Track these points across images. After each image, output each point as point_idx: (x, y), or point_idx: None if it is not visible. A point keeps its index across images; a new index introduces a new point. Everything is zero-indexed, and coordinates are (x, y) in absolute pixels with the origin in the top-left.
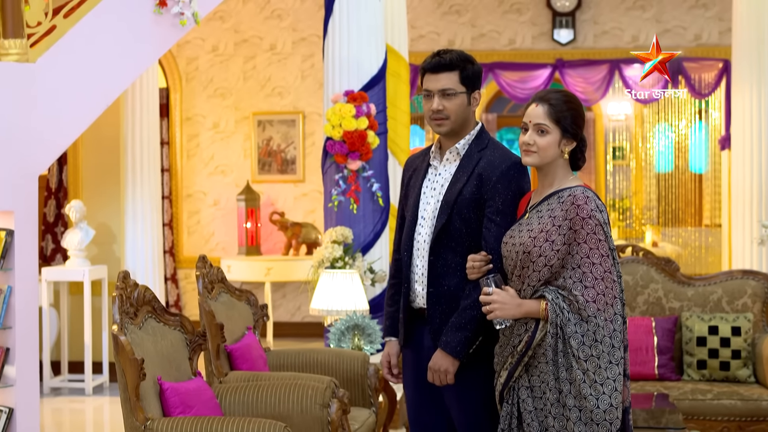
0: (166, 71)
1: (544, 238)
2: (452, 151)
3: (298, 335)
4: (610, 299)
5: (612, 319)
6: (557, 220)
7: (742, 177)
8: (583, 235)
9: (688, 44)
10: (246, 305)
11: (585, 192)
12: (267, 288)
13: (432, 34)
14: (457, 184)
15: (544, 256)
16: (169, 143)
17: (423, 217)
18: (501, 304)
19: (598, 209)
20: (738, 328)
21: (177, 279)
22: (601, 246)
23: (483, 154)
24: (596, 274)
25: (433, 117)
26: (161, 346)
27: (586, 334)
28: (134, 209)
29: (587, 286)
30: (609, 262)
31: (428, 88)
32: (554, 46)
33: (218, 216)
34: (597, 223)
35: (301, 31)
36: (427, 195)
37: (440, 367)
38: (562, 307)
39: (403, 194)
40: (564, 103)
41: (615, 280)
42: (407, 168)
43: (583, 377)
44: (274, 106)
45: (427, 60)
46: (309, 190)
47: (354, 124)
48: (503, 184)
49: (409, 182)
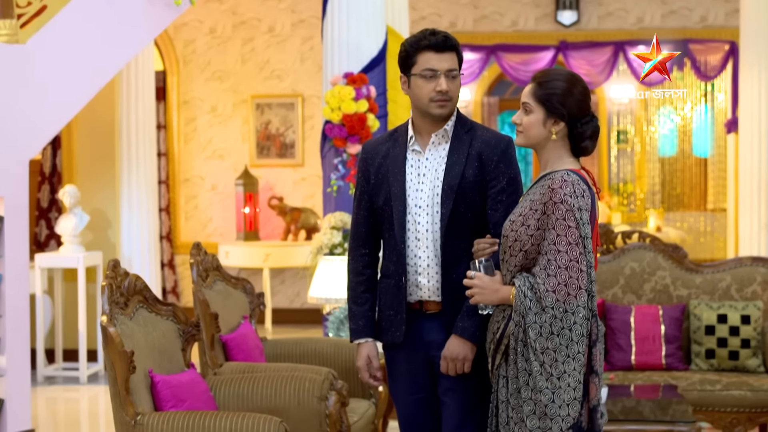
0: (163, 54)
1: (521, 222)
2: (439, 134)
3: (297, 322)
4: (573, 290)
5: (573, 311)
6: (535, 203)
7: (750, 161)
8: (553, 221)
9: (693, 26)
10: (242, 293)
11: (566, 175)
12: (265, 274)
13: (433, 15)
14: (456, 167)
15: (520, 241)
16: (166, 127)
17: (418, 206)
18: (480, 288)
19: (574, 194)
20: (747, 317)
21: (174, 265)
22: (570, 233)
23: (473, 135)
24: (560, 262)
25: (436, 98)
26: (153, 337)
27: (544, 326)
28: (130, 194)
29: (550, 275)
30: (577, 250)
31: (433, 68)
32: (558, 28)
33: (216, 201)
34: (568, 209)
35: (300, 12)
36: (416, 182)
37: (458, 354)
38: (525, 295)
39: (372, 184)
40: (552, 81)
41: (583, 270)
42: (371, 156)
43: (540, 369)
44: (273, 89)
45: (428, 38)
46: (308, 174)
47: (353, 107)
48: (505, 163)
49: (379, 171)
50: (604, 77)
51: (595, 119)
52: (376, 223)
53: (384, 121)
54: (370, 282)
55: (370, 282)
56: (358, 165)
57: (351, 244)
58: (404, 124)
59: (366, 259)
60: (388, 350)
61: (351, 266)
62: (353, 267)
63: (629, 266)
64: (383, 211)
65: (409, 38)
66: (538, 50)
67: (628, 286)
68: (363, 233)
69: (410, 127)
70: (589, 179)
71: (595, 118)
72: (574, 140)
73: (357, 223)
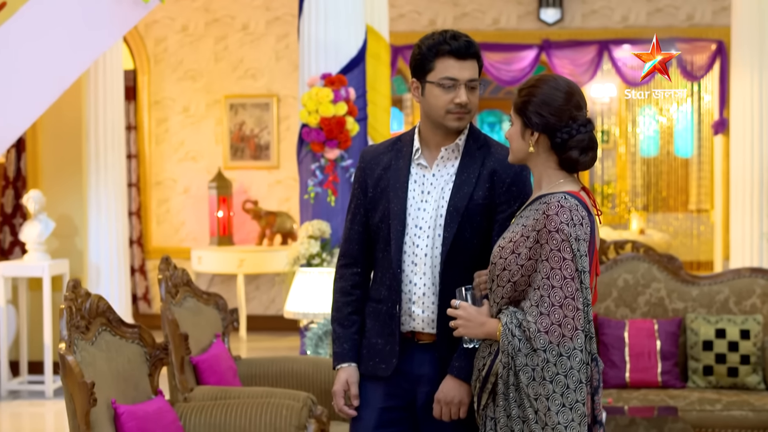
0: (134, 52)
1: (511, 249)
2: (450, 148)
3: (272, 329)
4: (569, 331)
5: (569, 355)
6: (527, 229)
7: (742, 165)
8: (547, 251)
9: (680, 24)
10: (214, 310)
11: (563, 200)
12: (240, 280)
13: (412, 13)
14: (464, 188)
15: (508, 270)
16: (136, 128)
17: (419, 227)
18: (465, 320)
19: (571, 222)
20: (747, 331)
21: (145, 270)
22: (565, 266)
23: (487, 152)
24: (554, 299)
25: (454, 111)
26: (117, 362)
27: (536, 369)
28: (98, 199)
29: (542, 313)
30: (573, 286)
31: (453, 77)
32: (540, 26)
33: (188, 204)
34: (564, 239)
35: (275, 9)
36: (419, 200)
37: (453, 397)
38: (514, 334)
39: (369, 198)
40: (529, 87)
41: (579, 309)
42: (370, 166)
43: (535, 417)
44: (247, 89)
45: (449, 42)
46: (284, 177)
47: (332, 110)
48: (518, 186)
49: (378, 183)
50: (588, 77)
51: (583, 128)
52: (370, 241)
53: (363, 124)
54: (358, 303)
55: (359, 303)
56: (355, 175)
57: (340, 261)
58: (409, 134)
59: (356, 279)
60: (365, 381)
61: (338, 285)
62: (341, 286)
63: (622, 278)
64: (379, 228)
65: (425, 39)
66: (521, 49)
67: (622, 299)
68: (355, 251)
69: (416, 137)
70: (590, 202)
71: (583, 127)
72: (558, 152)
73: (349, 239)
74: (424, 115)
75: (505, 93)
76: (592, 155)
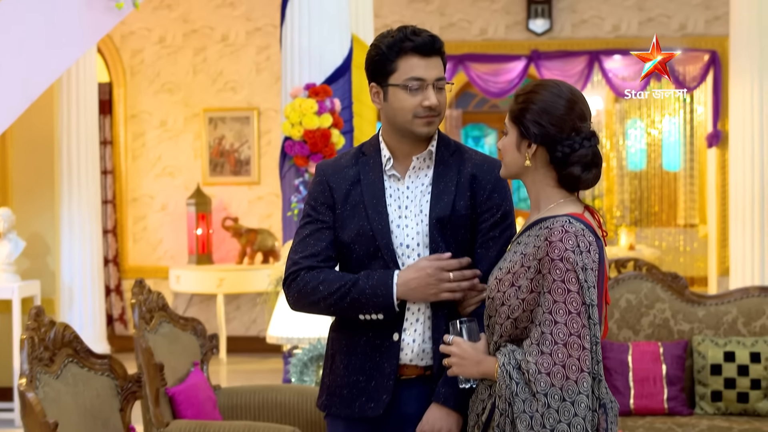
0: (109, 64)
1: (510, 281)
2: (422, 157)
3: (253, 350)
4: (573, 373)
5: (573, 400)
6: (527, 258)
7: (742, 178)
8: (550, 282)
9: (672, 34)
10: (192, 336)
11: (567, 224)
12: (219, 300)
13: (397, 23)
14: (444, 197)
15: (508, 306)
16: (112, 143)
17: (406, 245)
18: (459, 358)
19: (577, 249)
20: (757, 354)
21: (122, 290)
22: (570, 299)
23: (461, 158)
24: (558, 336)
25: (422, 114)
26: (84, 398)
27: (535, 416)
28: (71, 216)
29: (544, 352)
30: (579, 321)
31: (420, 77)
32: (529, 37)
33: (166, 222)
34: (569, 268)
35: (255, 20)
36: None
37: (441, 429)
38: (511, 377)
39: (338, 215)
40: (529, 93)
41: (586, 348)
42: (335, 178)
43: None
44: (227, 102)
45: (411, 38)
46: (265, 193)
47: (316, 122)
48: (500, 193)
49: (348, 200)
50: (579, 88)
51: (587, 142)
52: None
53: (349, 137)
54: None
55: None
56: (316, 189)
57: (304, 263)
58: (371, 143)
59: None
60: (339, 422)
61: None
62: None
63: (625, 298)
64: (350, 250)
65: (382, 38)
66: (509, 60)
67: (624, 321)
68: (331, 257)
69: (383, 146)
70: (595, 223)
71: (587, 141)
72: (558, 168)
73: (316, 246)
74: (388, 122)
75: (490, 106)
76: (595, 172)
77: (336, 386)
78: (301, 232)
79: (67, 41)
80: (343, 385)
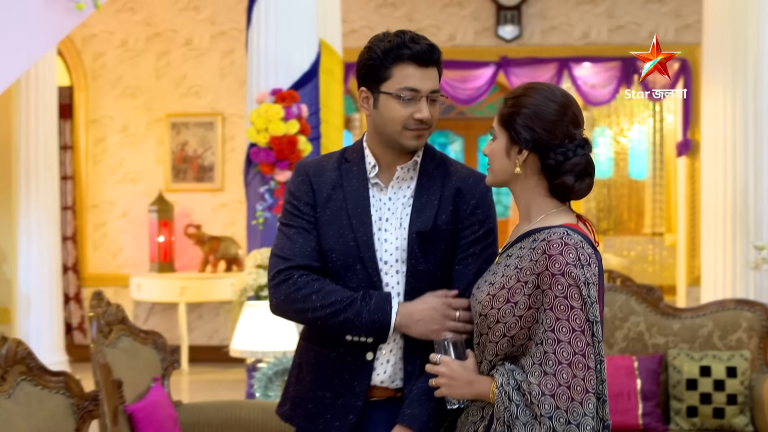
0: (70, 67)
1: (505, 297)
2: (407, 167)
3: (215, 360)
4: (579, 394)
5: (579, 423)
6: (524, 273)
7: (714, 188)
8: (551, 299)
9: (642, 42)
10: (152, 350)
11: (566, 236)
12: (181, 309)
13: (365, 28)
14: (426, 210)
15: (503, 323)
16: (72, 148)
17: (385, 261)
18: (449, 378)
19: (579, 262)
20: (733, 369)
21: (81, 299)
22: (573, 316)
23: (446, 171)
24: (562, 356)
25: (413, 127)
26: (38, 418)
27: None
28: (29, 223)
29: (547, 373)
30: (583, 340)
31: (415, 87)
32: (498, 43)
33: (127, 229)
34: (572, 283)
35: (220, 24)
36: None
37: None
38: (511, 399)
39: (317, 217)
40: (520, 96)
41: (590, 367)
42: (316, 179)
43: None
44: (190, 107)
45: (409, 45)
46: (228, 200)
47: (282, 128)
48: (484, 208)
49: (328, 205)
50: None
51: (581, 149)
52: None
53: (316, 144)
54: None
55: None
56: (298, 188)
57: (288, 263)
58: (354, 150)
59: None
60: None
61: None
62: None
63: None
64: (327, 258)
65: (379, 41)
66: (478, 66)
67: None
68: (315, 264)
69: (368, 153)
70: (589, 232)
71: (581, 148)
72: (549, 177)
73: (303, 247)
74: (375, 130)
75: (457, 113)
76: (588, 182)
77: (301, 398)
78: (285, 230)
79: (25, 43)
80: (308, 398)
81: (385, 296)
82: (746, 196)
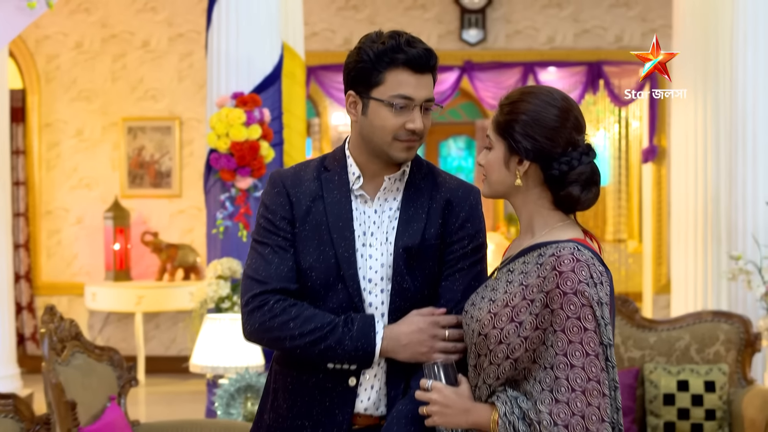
0: (23, 70)
1: (509, 316)
2: (394, 178)
3: (173, 371)
4: (594, 424)
5: None
6: (530, 291)
7: (684, 197)
8: (562, 320)
9: (608, 46)
10: (108, 367)
11: (577, 252)
12: (138, 319)
13: (326, 31)
14: (413, 224)
15: (506, 344)
16: (25, 152)
17: (369, 279)
18: (442, 406)
19: (592, 281)
20: (712, 383)
21: (34, 308)
22: (587, 339)
23: (434, 182)
24: (575, 382)
25: (404, 138)
26: None
27: None
28: None
29: (559, 400)
30: (598, 365)
31: (409, 95)
32: (462, 47)
33: (82, 236)
34: (585, 303)
35: (178, 26)
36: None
37: None
38: (516, 429)
39: (296, 232)
40: (518, 102)
41: (606, 394)
42: (294, 191)
43: None
44: (147, 111)
45: (404, 49)
46: (186, 206)
47: (244, 134)
48: (473, 222)
49: (307, 217)
50: None
51: (585, 157)
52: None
53: (279, 149)
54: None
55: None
56: (273, 201)
57: (264, 286)
58: (335, 157)
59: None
60: None
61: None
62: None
63: None
64: (306, 277)
65: (371, 42)
66: (442, 71)
67: None
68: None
69: (351, 162)
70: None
71: (585, 156)
72: (553, 188)
73: (279, 270)
74: (362, 138)
75: None
76: (595, 191)
77: (277, 427)
78: (259, 248)
79: None
80: (285, 428)
81: (368, 320)
82: (717, 203)
